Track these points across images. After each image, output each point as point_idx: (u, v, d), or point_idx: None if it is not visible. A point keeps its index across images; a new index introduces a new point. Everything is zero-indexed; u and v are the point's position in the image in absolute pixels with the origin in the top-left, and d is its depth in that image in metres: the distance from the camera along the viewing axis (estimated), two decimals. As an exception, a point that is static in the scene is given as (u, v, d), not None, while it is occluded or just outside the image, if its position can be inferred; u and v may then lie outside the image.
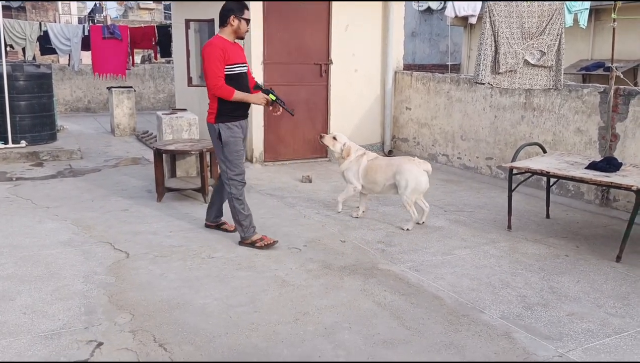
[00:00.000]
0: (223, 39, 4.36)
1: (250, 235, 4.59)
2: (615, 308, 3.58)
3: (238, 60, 4.40)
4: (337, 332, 3.25)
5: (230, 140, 4.46)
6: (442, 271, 4.17)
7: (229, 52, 4.31)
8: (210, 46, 4.28)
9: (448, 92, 7.57)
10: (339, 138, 5.45)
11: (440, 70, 14.48)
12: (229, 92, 4.31)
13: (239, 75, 4.41)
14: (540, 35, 5.23)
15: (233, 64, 4.35)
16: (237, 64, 4.38)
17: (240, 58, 4.45)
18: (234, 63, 4.36)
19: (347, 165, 5.39)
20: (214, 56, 4.25)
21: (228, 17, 4.32)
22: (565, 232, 5.07)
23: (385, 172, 5.18)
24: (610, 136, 5.51)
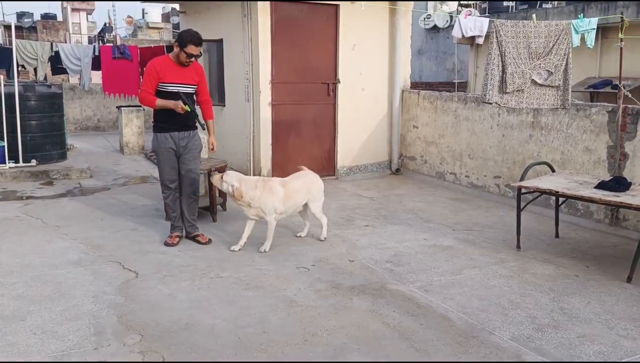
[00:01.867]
0: (168, 58, 4.96)
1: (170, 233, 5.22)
2: (627, 330, 3.55)
3: (174, 80, 4.89)
4: (346, 354, 3.24)
5: (156, 149, 5.05)
6: (451, 291, 4.15)
7: (165, 72, 4.85)
8: (148, 63, 4.92)
9: (455, 111, 7.60)
10: (226, 178, 4.90)
11: (447, 88, 14.56)
12: (151, 101, 4.88)
13: (170, 93, 4.87)
14: (547, 55, 5.25)
15: (167, 82, 4.87)
16: (171, 83, 4.88)
17: (179, 79, 4.91)
18: (169, 82, 4.87)
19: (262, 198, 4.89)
20: (147, 73, 4.91)
21: (175, 44, 4.93)
22: (575, 252, 5.04)
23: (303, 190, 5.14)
24: (619, 155, 5.50)
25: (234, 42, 8.00)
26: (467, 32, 6.73)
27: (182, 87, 4.92)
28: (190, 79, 4.99)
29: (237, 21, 7.83)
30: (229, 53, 8.27)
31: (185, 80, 4.95)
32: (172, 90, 4.87)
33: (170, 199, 5.17)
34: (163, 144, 4.98)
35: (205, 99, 5.19)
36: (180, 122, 4.96)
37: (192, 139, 5.10)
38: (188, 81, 4.97)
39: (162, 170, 5.08)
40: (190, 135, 5.07)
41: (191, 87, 5.00)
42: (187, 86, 4.96)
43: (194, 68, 5.00)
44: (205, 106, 5.22)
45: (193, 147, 5.10)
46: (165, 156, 5.00)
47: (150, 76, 4.85)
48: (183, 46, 4.81)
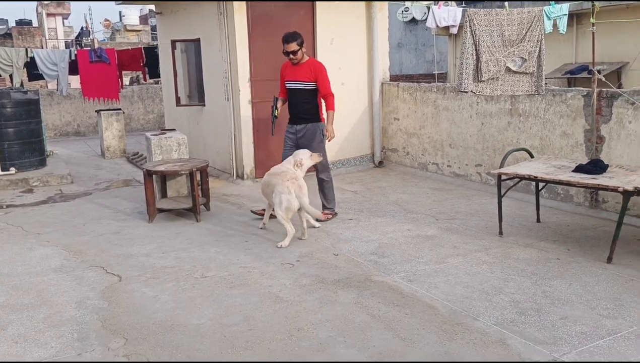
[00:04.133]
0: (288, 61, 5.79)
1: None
2: (608, 309, 3.60)
3: (290, 78, 5.77)
4: (332, 347, 3.25)
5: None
6: (435, 280, 4.18)
7: (285, 72, 5.83)
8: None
9: (435, 101, 7.64)
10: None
11: (428, 80, 14.60)
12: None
13: (289, 90, 5.82)
14: (520, 42, 5.30)
15: (286, 80, 5.83)
16: (288, 81, 5.81)
17: (293, 77, 5.74)
18: (287, 80, 5.82)
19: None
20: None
21: None
22: (556, 236, 5.10)
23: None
24: (595, 138, 5.57)
25: (212, 41, 7.96)
26: (440, 22, 6.76)
27: (296, 83, 5.72)
28: (304, 76, 5.69)
29: (213, 20, 7.79)
30: (206, 52, 8.23)
31: (298, 77, 5.70)
32: (289, 86, 5.78)
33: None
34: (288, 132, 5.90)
35: (324, 94, 5.75)
36: (296, 116, 5.82)
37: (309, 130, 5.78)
38: (301, 78, 5.70)
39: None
40: (306, 127, 5.77)
41: (303, 84, 5.71)
42: (300, 83, 5.71)
43: (309, 66, 5.72)
44: (325, 100, 5.79)
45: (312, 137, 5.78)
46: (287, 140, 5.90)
47: (281, 76, 5.90)
48: (283, 48, 5.62)
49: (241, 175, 7.80)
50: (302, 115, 5.77)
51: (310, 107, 5.76)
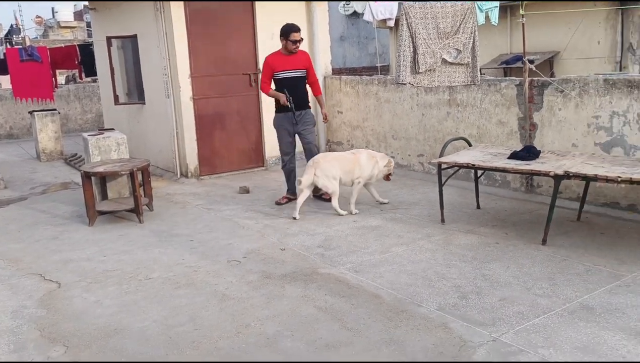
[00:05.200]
0: (279, 53, 6.07)
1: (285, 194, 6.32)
2: (543, 289, 3.77)
3: (285, 68, 6.00)
4: (280, 341, 3.26)
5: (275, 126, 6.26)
6: (380, 269, 4.25)
7: (276, 63, 6.00)
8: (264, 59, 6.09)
9: (376, 94, 7.74)
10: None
11: (371, 73, 14.75)
12: (265, 90, 6.11)
13: (283, 79, 6.02)
14: (455, 34, 5.44)
15: (279, 71, 6.00)
16: (282, 71, 5.99)
17: (288, 66, 6.01)
18: (280, 70, 5.99)
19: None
20: (263, 67, 6.09)
21: (280, 38, 6.00)
22: (495, 221, 5.28)
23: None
24: (529, 126, 5.80)
25: (149, 37, 7.76)
26: (377, 15, 6.85)
27: (294, 72, 6.02)
28: (299, 65, 6.06)
29: (150, 16, 7.60)
30: (144, 49, 8.02)
31: (295, 66, 6.03)
32: (286, 75, 6.00)
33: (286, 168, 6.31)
34: (279, 122, 6.17)
35: (312, 80, 6.26)
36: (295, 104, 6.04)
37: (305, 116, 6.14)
38: (298, 67, 6.05)
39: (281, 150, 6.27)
40: (302, 113, 6.11)
41: (300, 72, 6.07)
42: (297, 71, 6.04)
43: (302, 55, 6.12)
44: (313, 86, 6.30)
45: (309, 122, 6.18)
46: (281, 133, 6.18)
47: (266, 69, 6.03)
48: (287, 36, 5.90)
49: (185, 174, 7.67)
50: (300, 102, 6.08)
51: (305, 93, 6.18)
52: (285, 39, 5.96)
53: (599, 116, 5.21)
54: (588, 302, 3.53)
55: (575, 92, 5.36)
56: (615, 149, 5.13)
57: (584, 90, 5.29)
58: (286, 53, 6.03)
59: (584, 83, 5.30)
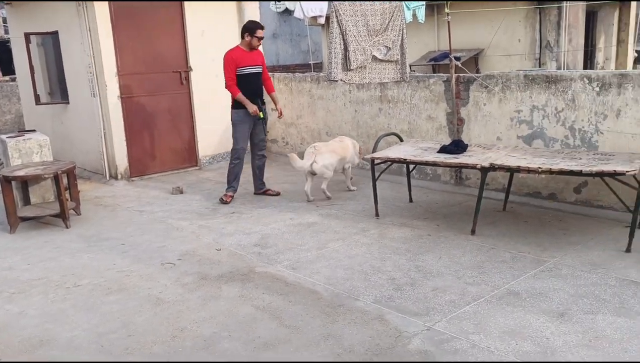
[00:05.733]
0: (239, 48, 6.04)
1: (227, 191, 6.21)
2: (473, 277, 3.92)
3: (248, 64, 6.00)
4: (217, 343, 3.21)
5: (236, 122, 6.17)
6: (317, 266, 4.28)
7: (240, 59, 5.96)
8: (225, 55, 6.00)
9: (310, 91, 7.77)
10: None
11: (304, 70, 14.79)
12: (234, 92, 6.01)
13: (247, 75, 6.00)
14: (384, 31, 5.55)
15: (243, 67, 5.97)
16: (245, 67, 5.98)
17: (250, 62, 6.02)
18: (244, 66, 5.97)
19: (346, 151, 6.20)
20: (226, 63, 5.97)
21: (244, 34, 6.00)
22: (427, 213, 5.44)
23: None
24: (456, 120, 6.01)
25: (72, 33, 7.42)
26: (308, 12, 6.87)
27: (253, 68, 6.05)
28: (257, 61, 6.12)
29: (72, 11, 7.26)
30: (66, 46, 7.66)
31: (254, 62, 6.07)
32: (250, 71, 6.02)
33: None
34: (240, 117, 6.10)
35: (267, 76, 6.34)
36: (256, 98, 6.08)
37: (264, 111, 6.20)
38: (259, 63, 6.14)
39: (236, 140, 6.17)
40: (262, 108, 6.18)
41: (260, 68, 6.15)
42: (258, 67, 6.12)
43: (258, 53, 6.15)
44: (267, 82, 6.37)
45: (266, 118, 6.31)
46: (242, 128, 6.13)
47: (229, 65, 5.93)
48: (253, 33, 5.94)
49: (115, 175, 7.40)
50: (261, 98, 6.17)
51: (263, 89, 6.26)
52: (250, 35, 5.97)
53: (521, 110, 5.47)
54: (514, 288, 3.70)
55: (498, 87, 5.60)
56: (536, 141, 5.40)
57: (506, 86, 5.54)
58: (247, 49, 6.02)
59: (506, 79, 5.54)
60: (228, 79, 5.97)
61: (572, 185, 5.21)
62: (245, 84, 5.99)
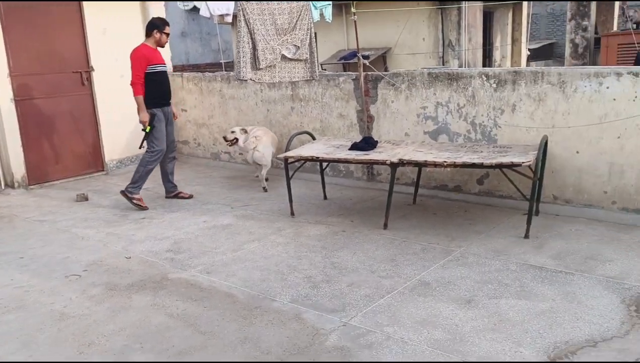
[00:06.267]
0: (147, 45, 5.79)
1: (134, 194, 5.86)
2: (386, 271, 4.02)
3: (158, 62, 5.81)
4: (128, 355, 3.07)
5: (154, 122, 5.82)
6: (233, 268, 4.21)
7: (151, 56, 5.73)
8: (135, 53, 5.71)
9: (220, 91, 7.64)
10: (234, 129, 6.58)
11: (215, 69, 14.51)
12: (139, 92, 5.71)
13: (159, 73, 5.80)
14: (292, 30, 5.56)
15: (154, 64, 5.75)
16: (157, 65, 5.77)
17: (159, 60, 5.84)
18: (155, 64, 5.76)
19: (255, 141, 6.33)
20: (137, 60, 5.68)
21: (151, 31, 5.79)
22: (341, 210, 5.52)
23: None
24: (366, 118, 6.14)
25: (-46, 31, 6.80)
26: (214, 11, 6.75)
27: (164, 66, 5.90)
28: (163, 59, 5.96)
29: (-47, 6, 6.66)
30: (-51, 44, 7.01)
31: (162, 60, 5.92)
32: (161, 69, 5.82)
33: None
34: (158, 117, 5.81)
35: None
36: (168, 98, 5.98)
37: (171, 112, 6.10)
38: (163, 61, 5.95)
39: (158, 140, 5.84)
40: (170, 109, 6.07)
41: (166, 67, 6.00)
42: (164, 66, 5.94)
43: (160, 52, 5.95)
44: None
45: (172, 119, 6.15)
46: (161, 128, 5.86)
47: (140, 62, 5.65)
48: (162, 29, 5.79)
49: (11, 184, 6.89)
50: (170, 96, 6.04)
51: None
52: (160, 32, 5.79)
53: (426, 107, 5.68)
54: (425, 278, 3.84)
55: (405, 85, 5.78)
56: (442, 136, 5.64)
57: (412, 84, 5.73)
58: (154, 46, 5.83)
59: (412, 77, 5.74)
60: (136, 76, 5.69)
61: (475, 177, 5.49)
62: (159, 83, 5.81)
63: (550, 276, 3.76)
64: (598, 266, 3.88)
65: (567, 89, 4.79)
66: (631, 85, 4.49)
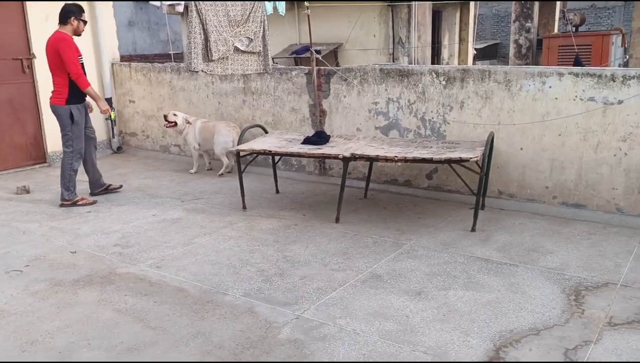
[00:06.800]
0: (68, 35, 5.30)
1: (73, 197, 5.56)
2: (338, 264, 4.06)
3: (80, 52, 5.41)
4: (74, 353, 2.98)
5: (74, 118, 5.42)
6: (183, 262, 4.15)
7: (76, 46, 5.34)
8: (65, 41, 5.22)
9: (170, 82, 7.48)
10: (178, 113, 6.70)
11: (164, 60, 14.20)
12: (86, 83, 5.36)
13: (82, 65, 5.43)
14: (245, 22, 5.51)
15: (80, 55, 5.38)
16: (81, 56, 5.41)
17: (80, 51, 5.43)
18: (80, 55, 5.39)
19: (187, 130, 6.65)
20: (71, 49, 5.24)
21: (67, 18, 5.29)
22: (294, 204, 5.53)
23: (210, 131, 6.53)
24: (319, 112, 6.16)
25: None
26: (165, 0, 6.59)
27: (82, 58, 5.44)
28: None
29: None
30: None
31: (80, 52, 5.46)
32: (82, 62, 5.40)
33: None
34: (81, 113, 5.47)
35: None
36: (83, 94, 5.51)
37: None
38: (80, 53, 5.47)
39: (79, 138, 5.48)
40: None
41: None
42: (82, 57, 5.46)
43: None
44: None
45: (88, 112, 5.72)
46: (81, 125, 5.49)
47: (75, 52, 5.26)
48: (79, 16, 5.33)
49: (-56, 176, 6.52)
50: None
51: None
52: (77, 19, 5.33)
53: (378, 102, 5.76)
54: (377, 271, 3.91)
55: (357, 80, 5.83)
56: (393, 132, 5.73)
57: (364, 79, 5.79)
58: (74, 36, 5.38)
59: (364, 72, 5.80)
60: (77, 67, 5.27)
61: (425, 172, 5.61)
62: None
63: (496, 268, 3.90)
64: (540, 258, 4.05)
65: (513, 87, 4.97)
66: (572, 85, 4.71)
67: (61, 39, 5.23)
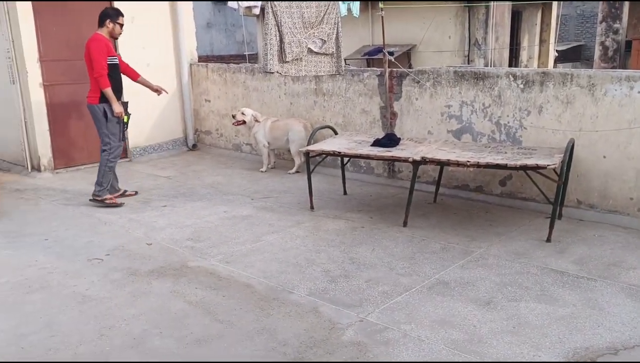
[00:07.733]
0: (103, 36, 5.51)
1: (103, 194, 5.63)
2: (405, 268, 4.01)
3: (114, 53, 5.63)
4: (147, 340, 3.12)
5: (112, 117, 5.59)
6: (251, 259, 4.24)
7: (109, 47, 5.52)
8: (95, 42, 5.41)
9: (244, 82, 7.67)
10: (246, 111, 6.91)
11: (238, 61, 14.58)
12: (106, 84, 5.44)
13: (115, 65, 5.60)
14: (319, 24, 5.56)
15: (112, 56, 5.54)
16: (114, 56, 5.59)
17: (114, 52, 5.64)
18: (113, 55, 5.56)
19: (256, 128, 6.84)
20: (99, 51, 5.39)
21: (104, 20, 5.51)
22: (361, 206, 5.51)
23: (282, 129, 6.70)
24: (389, 114, 6.11)
25: (-13, 15, 6.94)
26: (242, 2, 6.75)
27: (117, 59, 5.65)
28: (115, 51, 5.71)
29: (-13, -9, 6.79)
30: (-18, 28, 7.15)
31: (115, 53, 5.67)
32: (115, 62, 5.58)
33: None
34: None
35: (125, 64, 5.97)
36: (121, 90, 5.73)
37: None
38: (116, 53, 5.70)
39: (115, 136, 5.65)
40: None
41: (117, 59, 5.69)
42: (117, 58, 5.66)
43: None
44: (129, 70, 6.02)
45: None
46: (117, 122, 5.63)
47: (103, 52, 5.40)
48: (117, 19, 5.54)
49: (37, 167, 7.02)
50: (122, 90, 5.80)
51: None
52: (113, 22, 5.50)
53: (451, 105, 5.63)
54: (444, 278, 3.82)
55: (429, 82, 5.74)
56: (465, 136, 5.59)
57: (437, 81, 5.69)
58: (108, 37, 5.53)
59: (437, 74, 5.69)
60: (102, 67, 5.36)
61: (498, 178, 5.43)
62: (114, 76, 5.55)
63: (572, 281, 3.72)
64: (621, 273, 3.82)
65: (597, 92, 4.71)
66: (663, 90, 4.40)
67: (93, 39, 5.44)
